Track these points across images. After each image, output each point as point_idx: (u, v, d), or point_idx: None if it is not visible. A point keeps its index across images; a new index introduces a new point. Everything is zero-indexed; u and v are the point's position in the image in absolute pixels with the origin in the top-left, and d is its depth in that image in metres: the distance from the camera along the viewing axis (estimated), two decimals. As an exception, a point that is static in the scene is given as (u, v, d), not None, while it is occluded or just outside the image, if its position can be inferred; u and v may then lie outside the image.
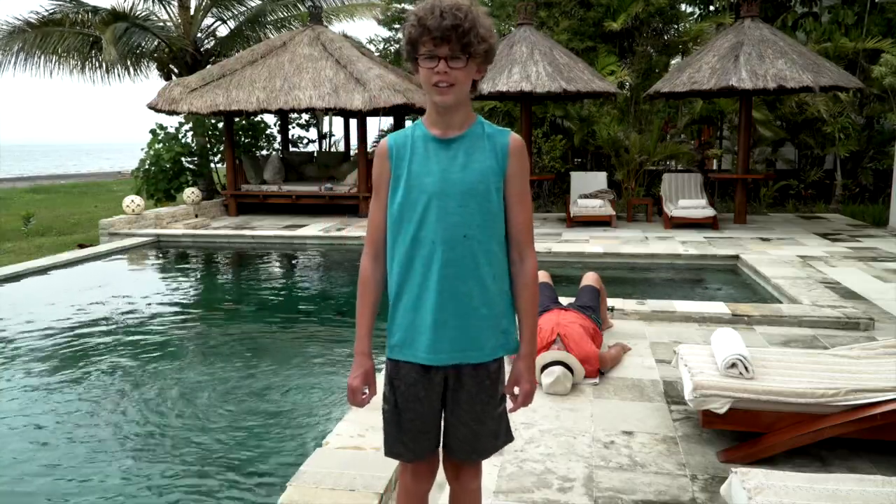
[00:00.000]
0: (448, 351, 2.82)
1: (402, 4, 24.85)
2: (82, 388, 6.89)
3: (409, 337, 2.87)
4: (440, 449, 3.04)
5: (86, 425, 5.98)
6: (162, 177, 19.38)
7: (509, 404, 3.05)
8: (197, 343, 8.50)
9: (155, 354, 7.94)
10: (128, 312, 9.87)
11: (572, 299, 7.41)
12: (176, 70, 21.62)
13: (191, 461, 5.30)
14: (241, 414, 6.15)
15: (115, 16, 19.95)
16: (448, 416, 2.95)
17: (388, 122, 25.34)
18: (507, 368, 3.02)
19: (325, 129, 25.73)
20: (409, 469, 3.07)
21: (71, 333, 8.78)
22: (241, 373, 7.20)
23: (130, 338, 8.58)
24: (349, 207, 18.01)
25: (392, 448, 3.00)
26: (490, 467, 4.60)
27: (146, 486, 4.95)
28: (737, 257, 11.82)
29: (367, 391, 2.98)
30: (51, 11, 20.85)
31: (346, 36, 19.91)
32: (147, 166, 19.45)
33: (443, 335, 2.80)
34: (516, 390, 3.03)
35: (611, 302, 8.13)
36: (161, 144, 19.70)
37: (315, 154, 22.63)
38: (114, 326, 9.12)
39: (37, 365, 7.56)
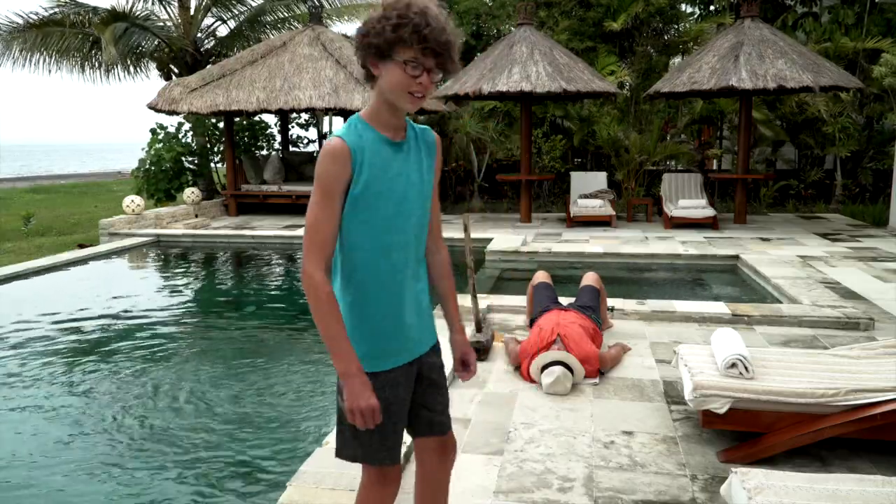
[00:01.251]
0: (423, 341, 3.00)
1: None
2: (81, 388, 6.89)
3: (395, 342, 2.89)
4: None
5: (84, 425, 5.98)
6: (162, 177, 19.38)
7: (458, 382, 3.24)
8: (196, 343, 8.50)
9: (154, 354, 7.94)
10: (127, 312, 9.87)
11: (572, 299, 7.41)
12: (176, 70, 21.62)
13: (190, 461, 5.30)
14: (241, 413, 6.16)
15: (115, 16, 19.93)
16: (427, 399, 3.09)
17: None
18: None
19: (326, 129, 25.71)
20: (387, 474, 3.04)
21: (70, 333, 8.78)
22: (241, 373, 7.21)
23: (130, 338, 8.59)
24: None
25: (376, 456, 2.97)
26: (490, 467, 4.61)
27: (145, 487, 4.95)
28: (737, 257, 11.82)
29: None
30: (51, 12, 20.88)
31: (346, 36, 19.89)
32: (147, 166, 19.45)
33: (418, 330, 2.96)
34: (470, 359, 3.23)
35: (611, 302, 8.13)
36: (161, 144, 19.70)
37: (315, 154, 22.61)
38: (113, 326, 9.13)
39: (36, 365, 7.56)
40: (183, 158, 19.86)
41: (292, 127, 23.85)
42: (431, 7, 2.58)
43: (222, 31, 23.43)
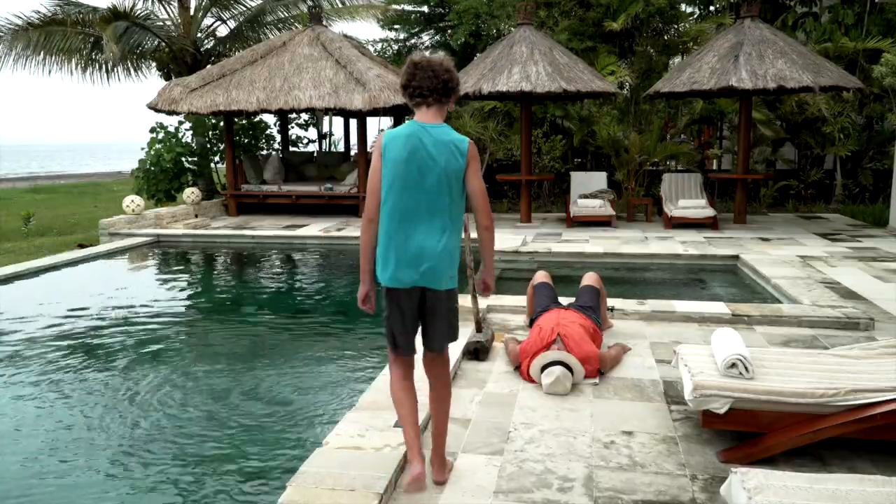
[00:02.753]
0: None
1: (402, 6, 24.83)
2: (81, 387, 6.89)
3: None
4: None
5: (84, 425, 5.98)
6: (162, 177, 19.35)
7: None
8: (196, 343, 8.50)
9: (154, 355, 7.94)
10: (127, 313, 9.87)
11: (572, 299, 7.41)
12: (176, 70, 21.60)
13: (189, 461, 5.30)
14: (241, 414, 6.16)
15: (116, 14, 19.93)
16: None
17: (387, 121, 25.34)
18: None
19: (325, 129, 25.72)
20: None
21: (70, 333, 8.78)
22: (239, 373, 7.21)
23: (130, 338, 8.58)
24: (350, 208, 18.00)
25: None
26: (490, 467, 4.61)
27: (145, 486, 4.94)
28: (737, 257, 11.82)
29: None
30: (52, 11, 20.86)
31: (346, 36, 19.89)
32: (147, 166, 19.43)
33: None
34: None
35: (611, 302, 8.13)
36: (161, 144, 19.68)
37: (315, 154, 22.59)
38: (113, 326, 9.12)
39: (34, 365, 7.56)
40: (183, 158, 19.83)
41: (292, 127, 23.85)
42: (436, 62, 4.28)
43: (222, 30, 23.47)
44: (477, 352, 6.76)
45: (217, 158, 21.44)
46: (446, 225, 4.15)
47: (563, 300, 7.41)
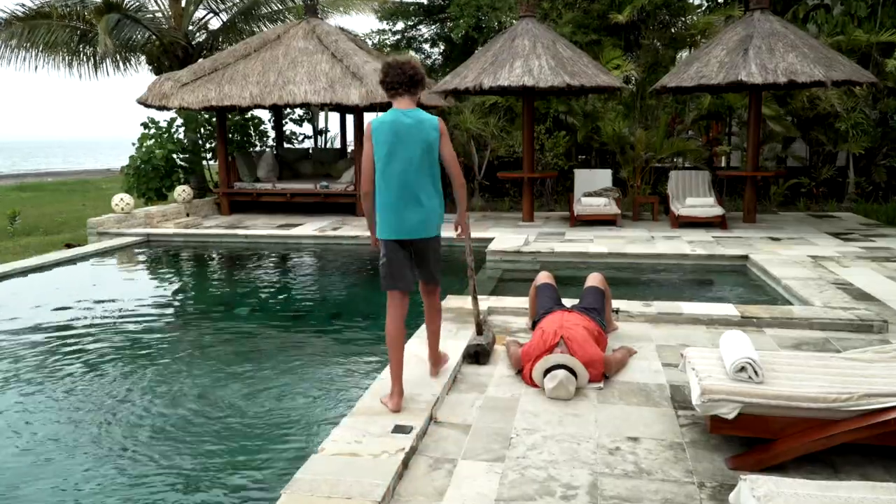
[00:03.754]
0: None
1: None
2: (68, 392, 6.89)
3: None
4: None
5: (69, 432, 5.97)
6: (153, 174, 19.30)
7: None
8: (187, 346, 8.50)
9: (143, 358, 7.94)
10: (116, 314, 9.88)
11: (576, 301, 7.41)
12: (166, 64, 21.59)
13: (181, 468, 5.30)
14: (233, 419, 6.16)
15: (109, 6, 19.93)
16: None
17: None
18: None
19: (321, 125, 25.71)
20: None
21: (57, 336, 8.78)
22: (231, 377, 7.21)
23: (118, 341, 8.59)
24: (346, 206, 18.01)
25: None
26: (491, 474, 4.61)
27: (135, 494, 4.94)
28: (746, 257, 11.83)
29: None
30: (38, 5, 20.85)
31: (342, 29, 19.89)
32: (138, 163, 19.38)
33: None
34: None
35: (616, 304, 8.13)
36: (153, 141, 19.66)
37: (310, 151, 22.59)
38: (101, 329, 9.12)
39: (21, 369, 7.56)
40: (174, 155, 19.83)
41: (286, 123, 23.85)
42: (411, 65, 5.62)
43: (214, 23, 23.46)
44: (477, 355, 6.75)
45: (209, 155, 21.45)
46: (433, 186, 5.62)
47: (567, 302, 7.41)
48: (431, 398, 5.62)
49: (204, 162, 21.42)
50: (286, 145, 23.39)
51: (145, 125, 19.88)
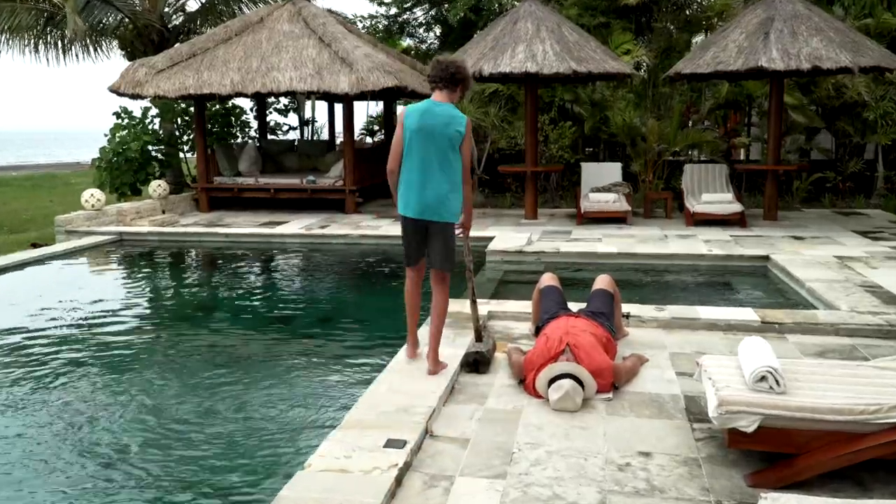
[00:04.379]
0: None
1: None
2: (31, 406, 6.86)
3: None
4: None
5: (34, 446, 5.96)
6: (126, 168, 19.23)
7: None
8: (163, 355, 8.48)
9: (116, 367, 7.92)
10: (86, 320, 9.86)
11: (583, 305, 7.41)
12: (140, 49, 21.57)
13: (157, 486, 5.28)
14: (213, 433, 6.14)
15: (76, -16, 19.91)
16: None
17: (377, 107, 25.35)
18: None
19: (308, 114, 25.72)
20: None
21: (21, 343, 8.76)
22: (212, 388, 7.19)
23: (88, 349, 8.57)
24: (335, 202, 18.00)
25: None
26: (491, 492, 4.61)
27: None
28: (767, 258, 11.83)
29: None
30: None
31: (330, 11, 19.88)
32: (110, 156, 19.33)
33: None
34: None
35: (626, 308, 8.12)
36: (126, 132, 19.61)
37: (296, 143, 22.61)
38: (70, 336, 9.10)
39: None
40: (149, 148, 19.79)
41: (270, 113, 23.86)
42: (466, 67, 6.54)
43: (192, 5, 23.62)
44: (476, 363, 6.75)
45: (187, 147, 21.42)
46: (450, 176, 6.37)
47: (573, 306, 7.41)
48: (427, 410, 5.61)
49: (181, 155, 21.41)
50: (270, 137, 23.41)
51: (118, 115, 19.83)
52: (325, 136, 26.09)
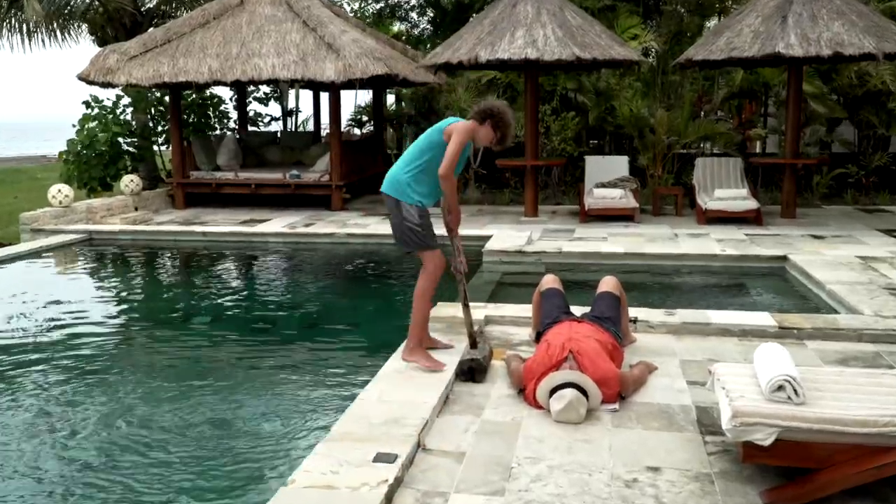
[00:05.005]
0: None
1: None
2: (-3, 416, 6.86)
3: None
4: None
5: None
6: (96, 162, 19.19)
7: None
8: (135, 363, 8.46)
9: (84, 375, 7.90)
10: (51, 326, 9.83)
11: (587, 309, 7.40)
12: (111, 34, 21.53)
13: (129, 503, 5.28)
14: (188, 447, 6.13)
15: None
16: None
17: (366, 96, 25.36)
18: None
19: (291, 104, 25.71)
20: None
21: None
22: (188, 398, 7.17)
23: (54, 357, 8.54)
24: (320, 199, 17.98)
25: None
26: (488, 511, 4.60)
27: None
28: (784, 258, 11.83)
29: None
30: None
31: (316, -7, 19.86)
32: (79, 149, 19.29)
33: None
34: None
35: (633, 312, 8.13)
36: (96, 123, 19.57)
37: (279, 135, 22.59)
38: (33, 343, 9.08)
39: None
40: (121, 140, 19.75)
41: (251, 102, 23.83)
42: (511, 117, 6.86)
43: (168, -14, 23.41)
44: (472, 371, 6.73)
45: (161, 140, 21.39)
46: (412, 161, 6.87)
47: (576, 310, 7.40)
48: (419, 421, 5.60)
49: (155, 148, 21.38)
50: (250, 128, 23.38)
51: (87, 105, 19.78)
52: (309, 127, 26.07)
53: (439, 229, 6.97)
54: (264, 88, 23.86)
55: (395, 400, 5.92)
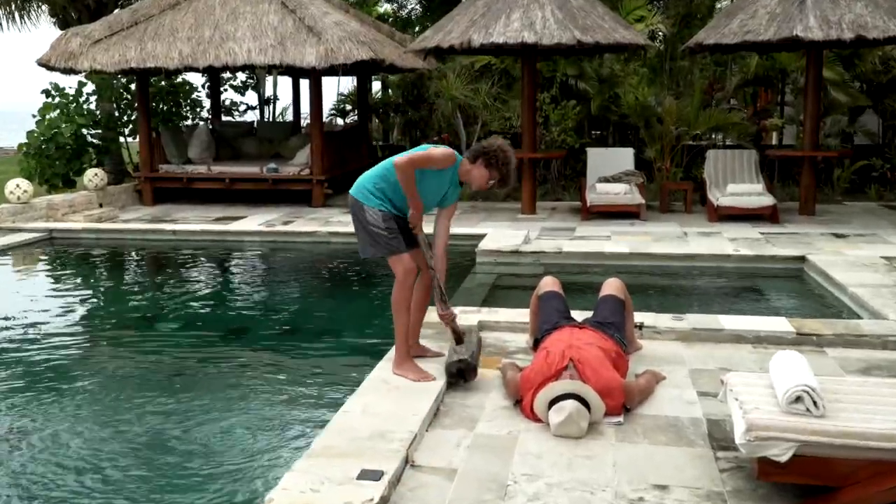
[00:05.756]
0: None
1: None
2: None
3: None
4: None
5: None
6: (58, 155, 19.16)
7: None
8: (99, 371, 8.43)
9: (43, 384, 7.88)
10: (7, 331, 9.82)
11: (589, 314, 7.40)
12: (74, 16, 21.50)
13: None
14: (157, 463, 6.11)
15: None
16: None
17: (349, 83, 25.36)
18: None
19: (269, 92, 25.70)
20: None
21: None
22: (157, 410, 7.15)
23: (7, 366, 8.52)
24: (300, 195, 17.96)
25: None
26: (482, 533, 4.59)
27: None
28: (803, 259, 11.85)
29: None
30: None
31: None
32: (40, 141, 19.25)
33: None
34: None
35: (639, 317, 8.12)
36: (58, 112, 19.53)
37: (255, 125, 22.58)
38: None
39: None
40: (84, 131, 19.70)
41: (225, 90, 23.82)
42: (510, 154, 6.80)
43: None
44: (461, 373, 6.72)
45: (128, 131, 21.35)
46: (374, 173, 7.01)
47: (578, 315, 7.40)
48: (407, 435, 5.58)
49: (121, 139, 21.34)
50: (225, 118, 23.36)
51: (48, 93, 19.76)
52: (288, 117, 26.08)
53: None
54: (239, 75, 23.84)
55: (382, 412, 5.91)
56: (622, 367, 6.62)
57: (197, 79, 22.74)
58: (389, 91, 25.13)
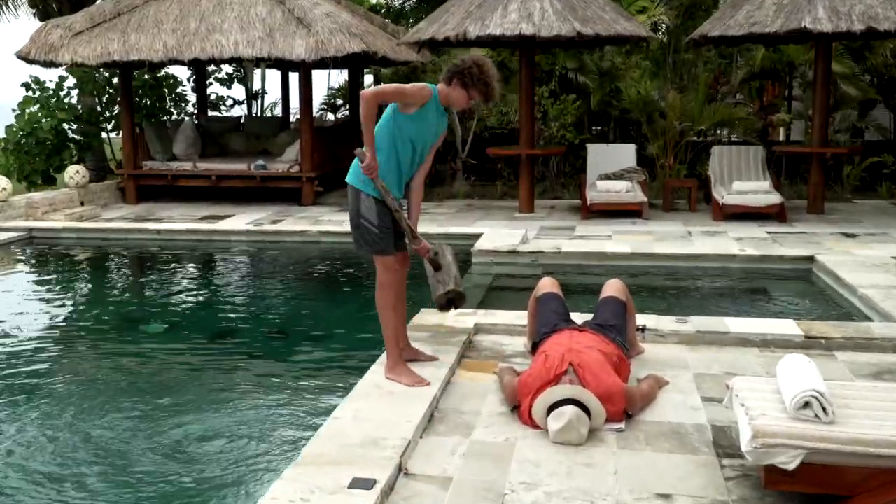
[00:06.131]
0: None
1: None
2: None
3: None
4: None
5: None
6: (38, 151, 19.16)
7: None
8: (81, 376, 8.43)
9: (21, 389, 7.88)
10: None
11: (589, 316, 7.40)
12: (54, 7, 21.49)
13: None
14: (140, 473, 6.09)
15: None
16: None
17: (341, 76, 25.36)
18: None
19: (257, 86, 25.69)
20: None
21: None
22: (141, 416, 7.15)
23: (-10, 369, 8.53)
24: (289, 192, 17.95)
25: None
26: (478, 544, 4.59)
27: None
28: (811, 259, 11.85)
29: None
30: None
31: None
32: (19, 137, 19.24)
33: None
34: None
35: (641, 320, 8.12)
36: (37, 107, 19.52)
37: (242, 120, 22.56)
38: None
39: None
40: (65, 126, 19.69)
41: (212, 84, 23.80)
42: (487, 67, 6.62)
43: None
44: (451, 303, 6.95)
45: (110, 126, 21.33)
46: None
47: (577, 317, 7.40)
48: (401, 442, 5.58)
49: (104, 135, 21.32)
50: (211, 113, 23.34)
51: (27, 87, 19.75)
52: (277, 112, 26.06)
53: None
54: (226, 68, 23.87)
55: (374, 418, 5.91)
56: (624, 372, 6.62)
57: (182, 72, 22.78)
58: (382, 85, 25.12)
